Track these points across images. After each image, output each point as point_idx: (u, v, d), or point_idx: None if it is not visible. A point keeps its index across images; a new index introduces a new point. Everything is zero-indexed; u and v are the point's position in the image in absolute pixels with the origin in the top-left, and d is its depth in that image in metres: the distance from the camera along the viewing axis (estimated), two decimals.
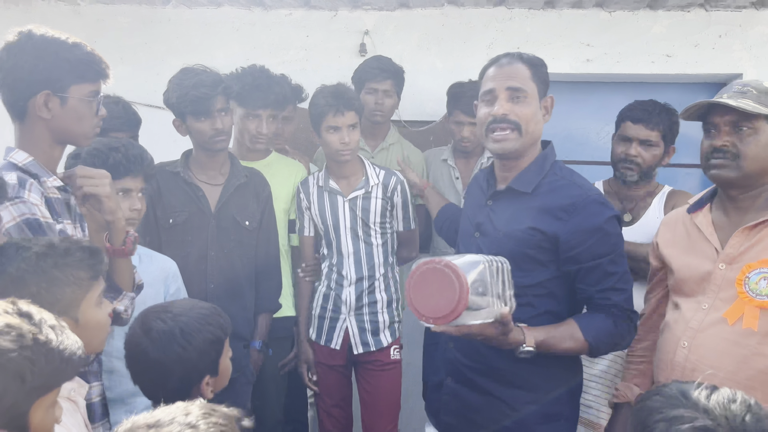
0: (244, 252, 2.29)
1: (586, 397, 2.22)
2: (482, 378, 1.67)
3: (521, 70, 1.64)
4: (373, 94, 2.77)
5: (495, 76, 1.64)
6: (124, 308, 1.71)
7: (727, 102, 1.52)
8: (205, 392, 1.41)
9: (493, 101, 1.62)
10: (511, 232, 1.63)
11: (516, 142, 1.61)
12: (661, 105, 2.28)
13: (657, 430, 1.04)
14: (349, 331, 2.39)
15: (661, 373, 1.65)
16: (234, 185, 2.28)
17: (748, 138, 1.53)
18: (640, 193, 2.32)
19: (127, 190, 1.89)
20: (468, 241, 1.73)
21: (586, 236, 1.56)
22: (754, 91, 1.54)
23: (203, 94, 2.12)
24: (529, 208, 1.62)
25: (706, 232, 1.63)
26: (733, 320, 1.49)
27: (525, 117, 1.60)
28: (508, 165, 1.68)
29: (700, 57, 3.08)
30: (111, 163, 1.83)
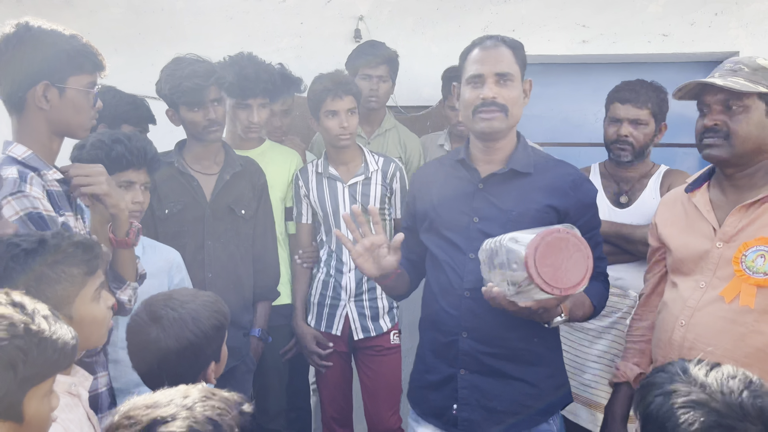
0: (240, 241, 2.29)
1: (585, 377, 2.25)
2: (502, 362, 1.66)
3: (506, 53, 1.66)
4: (368, 79, 2.76)
5: (482, 60, 1.66)
6: (127, 298, 1.72)
7: (715, 81, 1.52)
8: (210, 378, 1.42)
9: (481, 84, 1.64)
10: (525, 211, 1.65)
11: (503, 122, 1.64)
12: (648, 83, 2.28)
13: (654, 403, 1.08)
14: (349, 317, 2.40)
15: (659, 351, 1.66)
16: (229, 174, 2.28)
17: (739, 116, 1.52)
18: (636, 174, 2.32)
19: (129, 182, 1.90)
20: (463, 230, 1.69)
21: (586, 210, 1.68)
22: (746, 68, 1.54)
23: (196, 85, 2.12)
24: (539, 188, 1.66)
25: (703, 211, 1.63)
26: (730, 298, 1.50)
27: (511, 100, 1.64)
28: (491, 147, 1.69)
29: (696, 35, 3.07)
30: (114, 155, 1.85)
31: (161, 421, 0.93)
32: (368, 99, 2.78)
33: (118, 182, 1.86)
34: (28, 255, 1.23)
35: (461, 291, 1.67)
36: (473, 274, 1.63)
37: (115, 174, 1.85)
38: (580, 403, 2.27)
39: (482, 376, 1.66)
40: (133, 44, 3.34)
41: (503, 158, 1.71)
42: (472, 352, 1.66)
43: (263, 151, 2.57)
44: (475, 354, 1.66)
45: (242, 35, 3.29)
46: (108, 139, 1.87)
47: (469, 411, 1.67)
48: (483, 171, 1.71)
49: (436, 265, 1.74)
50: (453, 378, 1.69)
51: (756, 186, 1.56)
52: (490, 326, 1.63)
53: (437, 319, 1.72)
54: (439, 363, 1.72)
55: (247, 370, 2.30)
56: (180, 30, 3.33)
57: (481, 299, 1.56)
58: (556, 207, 1.65)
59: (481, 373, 1.67)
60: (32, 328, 0.96)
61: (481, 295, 1.54)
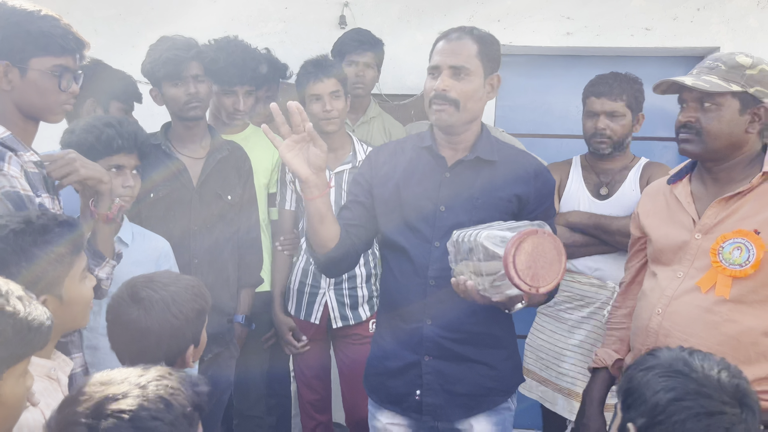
0: (226, 226, 2.28)
1: (564, 366, 2.28)
2: (464, 346, 1.69)
3: (468, 46, 1.64)
4: (353, 66, 2.75)
5: (442, 51, 1.66)
6: (105, 276, 1.71)
7: (684, 81, 1.55)
8: (189, 361, 1.42)
9: (437, 76, 1.64)
10: (490, 199, 1.67)
11: (452, 116, 1.63)
12: (622, 75, 2.31)
13: (636, 378, 1.15)
14: (328, 305, 2.40)
15: (637, 338, 1.69)
16: (216, 159, 2.26)
17: (711, 114, 1.55)
18: (616, 166, 2.35)
19: (120, 166, 1.88)
20: (429, 218, 1.68)
21: (544, 200, 1.72)
22: (722, 66, 1.57)
23: (175, 56, 2.11)
24: (503, 176, 1.68)
25: (684, 202, 1.66)
26: (705, 288, 1.53)
27: (464, 94, 1.62)
28: (454, 139, 1.70)
29: (678, 30, 3.09)
30: (104, 138, 1.83)
31: (112, 398, 0.93)
32: (354, 86, 2.77)
33: (108, 166, 1.84)
34: (17, 235, 1.22)
35: (426, 279, 1.67)
36: (439, 262, 1.64)
37: (105, 158, 1.84)
38: (558, 391, 2.30)
39: (445, 362, 1.69)
40: (114, 26, 3.29)
41: (467, 147, 1.71)
42: (435, 338, 1.68)
43: (247, 135, 2.55)
44: (438, 340, 1.68)
45: (226, 19, 3.24)
46: (99, 123, 1.86)
47: (433, 396, 1.70)
48: (449, 158, 1.71)
49: (398, 253, 1.72)
50: (417, 364, 1.70)
51: (735, 180, 1.59)
52: (454, 313, 1.65)
53: (400, 307, 1.71)
54: (400, 350, 1.72)
55: (230, 356, 2.30)
56: (162, 12, 3.28)
57: (446, 287, 1.57)
58: (520, 195, 1.68)
59: (445, 358, 1.69)
60: (7, 309, 0.95)
61: (447, 284, 1.55)
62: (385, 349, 1.76)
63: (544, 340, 2.36)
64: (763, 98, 1.54)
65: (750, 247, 1.48)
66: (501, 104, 3.33)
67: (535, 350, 2.39)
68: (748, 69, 1.54)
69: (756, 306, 1.48)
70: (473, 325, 1.68)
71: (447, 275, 1.59)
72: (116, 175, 1.86)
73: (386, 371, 1.75)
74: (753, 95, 1.53)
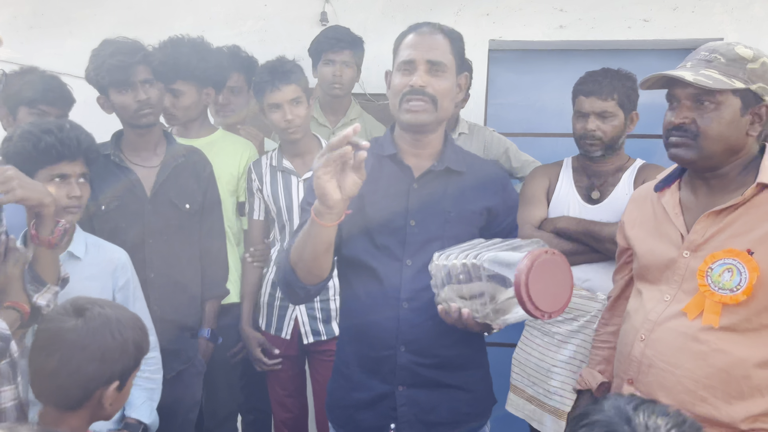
0: (186, 237, 2.15)
1: (552, 384, 2.13)
2: (440, 372, 1.56)
3: (442, 42, 1.52)
4: (331, 65, 2.62)
5: (415, 45, 1.51)
6: (45, 302, 1.59)
7: (683, 76, 1.36)
8: (106, 403, 1.30)
9: (412, 71, 1.50)
10: (462, 212, 1.54)
11: (430, 114, 1.50)
12: (613, 72, 2.14)
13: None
14: (298, 319, 2.27)
15: (619, 366, 1.54)
16: (171, 166, 2.13)
17: (710, 114, 1.37)
18: (609, 169, 2.19)
19: (63, 175, 1.74)
20: (398, 233, 1.53)
21: (511, 211, 1.63)
22: (722, 59, 1.38)
23: (120, 62, 1.99)
24: (473, 187, 1.56)
25: (671, 214, 1.50)
26: (693, 315, 1.37)
27: (442, 91, 1.50)
28: (420, 141, 1.56)
29: (678, 21, 2.91)
30: (43, 146, 1.70)
31: None
32: (332, 85, 2.64)
33: (51, 175, 1.72)
34: None
35: (398, 302, 1.52)
36: (411, 282, 1.50)
37: (46, 167, 1.71)
38: (546, 411, 2.16)
39: (420, 390, 1.55)
40: (89, 26, 3.17)
41: (433, 153, 1.58)
42: (409, 365, 1.54)
43: (213, 140, 2.42)
44: (413, 367, 1.54)
45: (203, 17, 3.12)
46: (37, 130, 1.72)
47: (409, 428, 1.55)
48: (415, 168, 1.57)
49: (364, 273, 1.56)
50: (389, 395, 1.56)
51: (728, 188, 1.42)
52: (427, 337, 1.51)
53: (368, 333, 1.56)
54: (369, 380, 1.57)
55: (196, 373, 2.18)
56: (138, 12, 3.16)
57: (419, 310, 1.45)
58: (490, 208, 1.57)
59: (420, 386, 1.55)
60: None
61: (420, 306, 1.44)
62: (352, 379, 1.61)
63: (531, 355, 2.22)
64: (765, 96, 1.37)
65: (742, 269, 1.32)
66: (492, 102, 3.17)
67: (522, 366, 2.24)
68: (750, 62, 1.35)
69: (748, 334, 1.32)
70: (446, 348, 1.54)
71: (421, 297, 1.47)
72: (60, 185, 1.73)
73: (354, 403, 1.60)
74: (755, 93, 1.36)
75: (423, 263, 1.45)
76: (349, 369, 1.61)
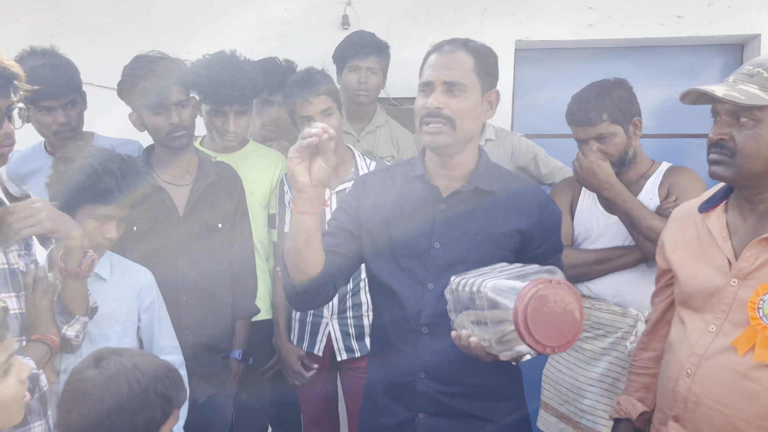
0: (218, 257, 2.12)
1: (584, 402, 2.09)
2: (465, 401, 1.51)
3: (463, 60, 1.46)
4: (356, 72, 2.57)
5: (434, 65, 1.47)
6: (75, 334, 1.60)
7: (713, 92, 1.30)
8: None
9: (429, 93, 1.46)
10: (490, 235, 1.49)
11: (449, 137, 1.46)
12: (598, 87, 2.05)
13: None
14: (332, 335, 2.25)
15: (664, 401, 1.49)
16: (203, 185, 2.10)
17: (748, 131, 1.30)
18: (632, 178, 2.09)
19: (107, 216, 1.73)
20: (421, 256, 1.50)
21: (550, 234, 1.55)
22: (765, 73, 1.30)
23: (153, 86, 1.94)
24: (504, 209, 1.51)
25: (718, 237, 1.42)
26: (743, 350, 1.31)
27: (460, 112, 1.45)
28: (449, 164, 1.52)
29: (713, 17, 2.80)
30: (101, 188, 1.69)
31: None
32: (357, 93, 2.59)
33: (96, 214, 1.71)
34: None
35: (418, 327, 1.49)
36: (432, 307, 1.46)
37: (94, 204, 1.70)
38: (578, 429, 2.12)
39: (442, 418, 1.51)
40: (109, 34, 3.16)
41: (464, 174, 1.53)
42: (430, 393, 1.50)
43: (245, 154, 2.39)
44: (434, 395, 1.50)
45: (224, 23, 3.09)
46: (100, 167, 1.70)
47: None
48: (443, 189, 1.52)
49: (387, 295, 1.54)
50: (410, 422, 1.53)
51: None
52: (449, 364, 1.46)
53: (390, 357, 1.54)
54: (393, 405, 1.55)
55: (227, 395, 2.17)
56: (158, 18, 3.14)
57: (440, 335, 1.41)
58: (522, 230, 1.50)
59: (441, 415, 1.51)
60: None
61: (441, 331, 1.40)
62: (378, 403, 1.60)
63: (562, 372, 2.17)
64: None
65: None
66: (519, 103, 3.09)
67: (553, 383, 2.20)
68: None
69: None
70: (473, 377, 1.50)
71: (442, 322, 1.42)
72: (101, 224, 1.72)
73: (379, 428, 1.59)
74: None
75: (445, 287, 1.41)
76: (376, 393, 1.60)
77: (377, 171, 1.71)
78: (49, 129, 2.07)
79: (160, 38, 2.97)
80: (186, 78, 2.02)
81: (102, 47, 3.14)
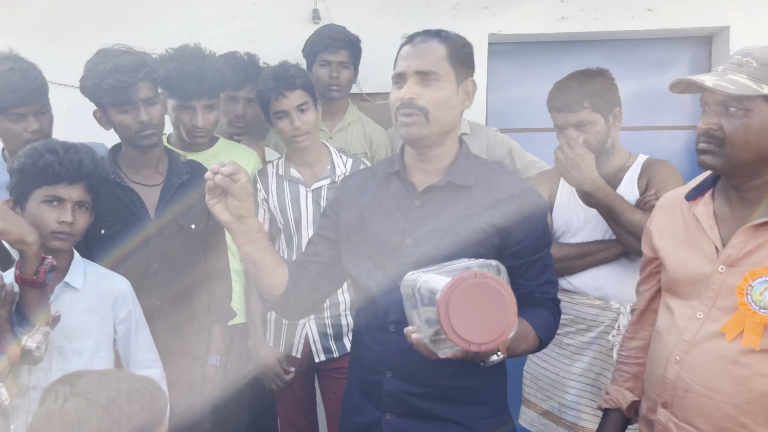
0: (192, 259, 2.02)
1: (566, 398, 2.07)
2: (434, 403, 1.46)
3: (436, 49, 1.42)
4: (327, 66, 2.51)
5: (407, 56, 1.44)
6: (36, 345, 1.50)
7: (703, 81, 1.29)
8: None
9: (403, 84, 1.43)
10: (463, 230, 1.44)
11: (423, 128, 1.41)
12: (581, 76, 2.04)
13: None
14: (309, 336, 2.18)
15: (652, 388, 1.47)
16: (175, 185, 2.00)
17: (737, 121, 1.29)
18: (609, 170, 2.07)
19: (59, 198, 1.64)
20: (394, 252, 1.46)
21: (532, 229, 1.47)
22: (754, 63, 1.29)
23: (120, 82, 1.82)
24: (480, 203, 1.46)
25: (705, 225, 1.41)
26: (732, 336, 1.30)
27: (434, 102, 1.41)
28: (426, 157, 1.48)
29: (683, 9, 2.83)
30: (41, 165, 1.62)
31: None
32: (328, 88, 2.54)
33: (46, 196, 1.63)
34: None
35: (386, 324, 1.45)
36: (400, 304, 1.39)
37: (43, 187, 1.63)
38: (562, 426, 2.09)
39: (409, 420, 1.46)
40: (68, 30, 3.04)
41: (441, 168, 1.48)
42: (396, 392, 1.46)
43: (216, 152, 2.30)
44: (400, 395, 1.46)
45: (189, 18, 3.00)
46: (42, 147, 1.65)
47: None
48: (419, 184, 1.49)
49: (363, 293, 1.52)
50: (377, 423, 1.49)
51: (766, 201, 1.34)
52: (417, 364, 1.39)
53: (363, 355, 1.52)
54: (365, 404, 1.52)
55: (205, 403, 2.08)
56: (121, 13, 3.03)
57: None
58: (499, 225, 1.44)
59: (408, 416, 1.46)
60: None
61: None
62: (353, 401, 1.57)
63: (543, 367, 2.14)
64: None
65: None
66: (492, 98, 3.08)
67: (534, 379, 2.17)
68: None
69: None
70: (442, 378, 1.45)
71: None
72: (53, 208, 1.63)
73: (354, 427, 1.55)
74: None
75: None
76: (352, 392, 1.58)
77: (359, 171, 1.68)
78: (20, 138, 1.96)
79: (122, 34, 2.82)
80: (154, 73, 1.92)
81: (61, 44, 3.02)
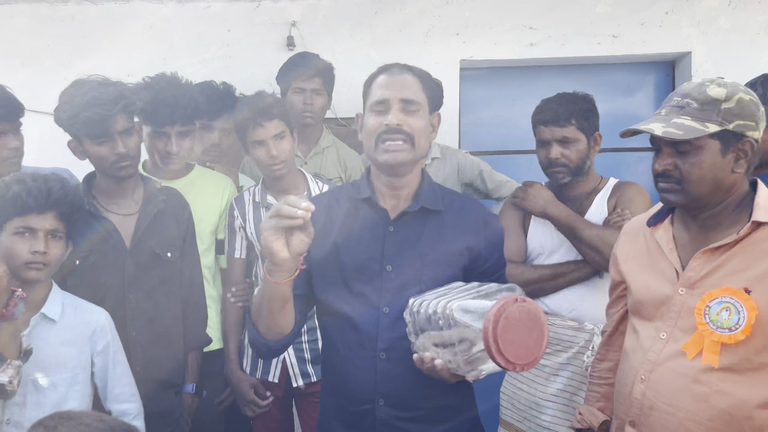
0: (167, 288, 2.01)
1: (543, 418, 2.09)
2: (422, 425, 1.48)
3: (412, 81, 1.50)
4: (301, 93, 2.55)
5: (388, 85, 1.49)
6: (8, 379, 1.49)
7: (652, 130, 1.36)
8: None
9: (386, 111, 1.47)
10: (440, 254, 1.48)
11: (409, 153, 1.47)
12: (569, 96, 2.13)
13: None
14: (287, 361, 2.19)
15: (620, 407, 1.51)
16: (151, 214, 1.99)
17: (690, 160, 1.36)
18: (582, 192, 2.16)
19: (30, 228, 1.64)
20: (374, 280, 1.47)
21: (495, 249, 1.56)
22: (694, 103, 1.36)
23: (97, 115, 1.81)
24: (452, 227, 1.51)
25: (665, 249, 1.48)
26: (692, 355, 1.35)
27: (418, 130, 1.47)
28: (398, 184, 1.51)
29: (647, 36, 2.93)
30: (9, 196, 1.63)
31: None
32: (302, 114, 2.57)
33: (17, 228, 1.63)
34: None
35: (375, 352, 1.46)
36: (389, 331, 1.44)
37: (14, 218, 1.64)
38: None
39: None
40: (41, 57, 3.04)
41: (409, 194, 1.53)
42: (389, 419, 1.47)
43: (191, 180, 2.31)
44: (393, 421, 1.47)
45: (164, 45, 3.02)
46: (11, 179, 1.66)
47: None
48: (391, 210, 1.52)
49: (341, 322, 1.49)
50: None
51: (721, 226, 1.40)
52: (408, 388, 1.45)
53: (346, 386, 1.50)
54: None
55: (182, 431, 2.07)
56: (94, 40, 3.04)
57: (398, 360, 1.40)
58: (471, 248, 1.51)
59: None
60: None
61: (399, 355, 1.39)
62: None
63: (519, 388, 2.17)
64: (747, 132, 1.35)
65: (740, 308, 1.30)
66: (464, 121, 3.14)
67: (511, 400, 2.20)
68: (724, 102, 1.34)
69: (749, 375, 1.30)
70: (429, 399, 1.48)
71: (399, 346, 1.41)
72: (25, 239, 1.64)
73: None
74: (734, 131, 1.35)
75: (401, 310, 1.40)
76: (330, 424, 1.55)
77: (320, 196, 1.67)
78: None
79: (96, 61, 2.87)
80: (132, 105, 1.92)
81: (34, 70, 3.02)
